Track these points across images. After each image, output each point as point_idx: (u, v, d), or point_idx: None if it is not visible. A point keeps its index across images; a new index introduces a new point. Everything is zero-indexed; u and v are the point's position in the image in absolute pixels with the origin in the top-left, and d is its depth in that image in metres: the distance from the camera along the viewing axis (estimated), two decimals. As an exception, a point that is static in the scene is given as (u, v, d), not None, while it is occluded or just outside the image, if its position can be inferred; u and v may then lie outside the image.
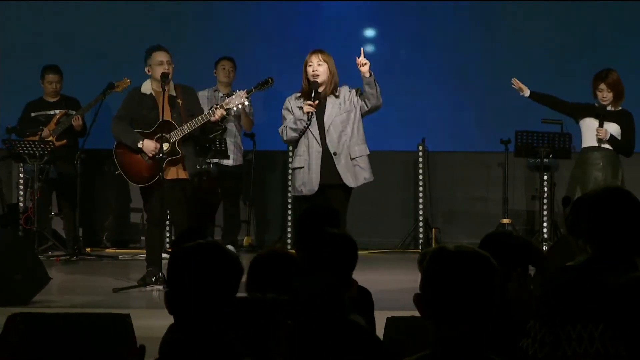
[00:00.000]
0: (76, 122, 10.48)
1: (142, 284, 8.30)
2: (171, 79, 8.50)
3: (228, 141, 10.22)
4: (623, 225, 3.08)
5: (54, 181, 10.61)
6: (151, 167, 8.43)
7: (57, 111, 10.67)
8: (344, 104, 7.69)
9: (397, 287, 7.58)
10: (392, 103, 9.82)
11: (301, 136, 7.71)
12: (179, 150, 8.44)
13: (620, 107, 9.10)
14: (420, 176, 11.46)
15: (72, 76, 10.95)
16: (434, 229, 11.34)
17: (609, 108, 9.05)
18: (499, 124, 11.14)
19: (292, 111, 7.75)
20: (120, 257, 10.82)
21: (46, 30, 11.68)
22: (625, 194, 3.16)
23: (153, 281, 8.20)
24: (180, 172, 8.49)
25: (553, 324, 2.97)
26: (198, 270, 2.96)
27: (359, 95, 7.71)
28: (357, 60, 7.59)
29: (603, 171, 9.05)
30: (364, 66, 7.55)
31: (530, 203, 11.35)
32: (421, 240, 11.34)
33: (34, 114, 10.76)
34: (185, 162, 8.52)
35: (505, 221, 10.69)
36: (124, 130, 8.57)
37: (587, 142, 9.14)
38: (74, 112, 10.58)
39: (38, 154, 10.16)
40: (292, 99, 7.81)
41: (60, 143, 10.43)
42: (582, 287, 3.00)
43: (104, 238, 11.72)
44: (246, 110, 10.57)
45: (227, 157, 10.25)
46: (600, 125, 9.00)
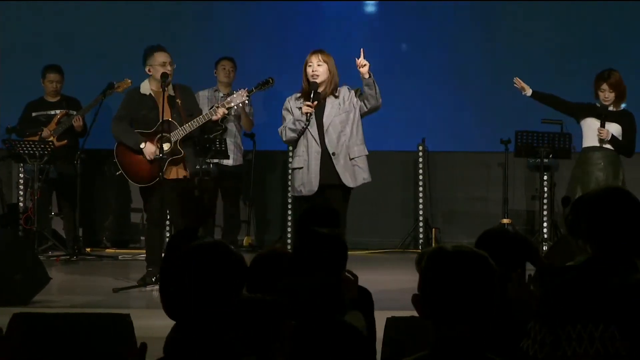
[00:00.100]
0: (77, 122, 10.47)
1: (142, 284, 8.30)
2: (171, 79, 8.50)
3: (228, 141, 10.22)
4: (623, 225, 3.08)
5: (54, 181, 10.61)
6: (153, 167, 8.43)
7: (58, 111, 10.66)
8: (343, 104, 7.69)
9: (397, 287, 7.58)
10: (392, 103, 9.81)
11: (300, 136, 7.70)
12: (181, 149, 8.44)
13: (621, 108, 9.11)
14: (420, 176, 11.45)
15: (72, 76, 10.94)
16: (434, 229, 11.34)
17: (610, 108, 9.06)
18: (499, 124, 11.14)
19: (292, 111, 7.75)
20: (120, 257, 10.81)
21: (46, 30, 11.67)
22: (625, 194, 3.16)
23: (153, 281, 8.20)
24: (181, 172, 8.50)
25: (553, 324, 2.97)
26: (205, 269, 2.97)
27: (358, 96, 7.70)
28: (357, 61, 7.59)
29: (604, 171, 9.05)
30: (364, 67, 7.55)
31: (530, 203, 11.34)
32: (421, 240, 11.34)
33: (34, 114, 10.75)
34: (185, 162, 8.52)
35: (505, 221, 10.69)
36: (125, 131, 8.58)
37: (588, 142, 9.14)
38: (74, 112, 10.58)
39: (38, 154, 10.15)
40: (291, 99, 7.80)
41: (60, 143, 10.43)
42: (582, 287, 3.00)
43: (104, 238, 11.72)
44: (246, 110, 10.57)
45: (227, 157, 10.25)
46: (602, 125, 9.00)
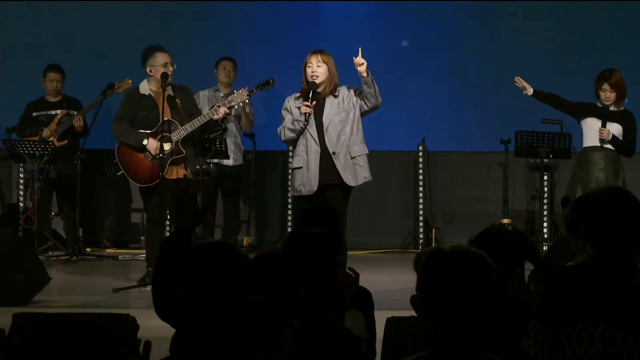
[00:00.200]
0: (77, 122, 10.47)
1: (142, 284, 8.30)
2: (172, 80, 8.50)
3: (228, 141, 10.21)
4: (623, 225, 3.08)
5: (54, 181, 10.61)
6: (154, 167, 8.43)
7: (59, 111, 10.67)
8: (343, 103, 7.68)
9: (397, 287, 7.57)
10: (392, 103, 9.81)
11: (299, 136, 7.70)
12: (183, 149, 8.44)
13: (622, 107, 9.11)
14: (420, 176, 11.46)
15: (72, 76, 10.95)
16: (434, 229, 11.34)
17: (611, 108, 9.05)
18: (499, 124, 11.14)
19: (291, 111, 7.74)
20: (120, 257, 10.82)
21: (46, 30, 11.67)
22: (625, 194, 3.16)
23: (153, 281, 8.19)
24: (181, 172, 8.49)
25: (553, 324, 2.97)
26: (212, 269, 2.98)
27: (357, 95, 7.70)
28: (355, 60, 7.60)
29: (604, 171, 9.04)
30: (361, 66, 7.55)
31: (530, 203, 11.34)
32: (421, 240, 11.34)
33: (35, 113, 10.75)
34: (186, 162, 8.52)
35: (505, 221, 10.69)
36: (126, 130, 8.57)
37: (588, 142, 9.13)
38: (75, 112, 10.58)
39: (38, 154, 10.15)
40: (291, 99, 7.80)
41: (61, 143, 10.43)
42: (582, 288, 3.00)
43: (104, 238, 11.72)
44: (246, 110, 10.57)
45: (227, 157, 10.25)
46: (603, 125, 9.00)
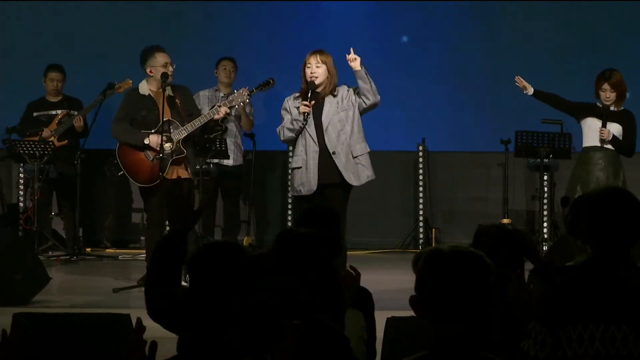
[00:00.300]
0: (77, 122, 10.47)
1: (142, 284, 8.29)
2: (172, 80, 8.50)
3: (228, 141, 10.21)
4: (623, 225, 3.08)
5: (54, 181, 10.60)
6: (154, 167, 8.42)
7: (59, 111, 10.66)
8: (342, 102, 7.69)
9: (397, 287, 7.57)
10: (392, 103, 9.82)
11: (298, 136, 7.70)
12: (183, 149, 8.44)
13: (622, 107, 9.10)
14: (420, 176, 11.46)
15: (73, 76, 10.94)
16: (434, 229, 11.34)
17: (611, 108, 9.05)
18: (499, 124, 11.14)
19: (290, 111, 7.75)
20: (120, 257, 10.82)
21: (46, 30, 11.67)
22: (625, 194, 3.16)
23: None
24: (182, 172, 8.49)
25: (553, 324, 2.97)
26: (223, 269, 3.00)
27: (356, 94, 7.71)
28: (347, 57, 7.62)
29: (604, 171, 9.04)
30: (354, 61, 7.58)
31: (530, 203, 11.34)
32: (421, 240, 11.34)
33: (35, 113, 10.75)
34: (187, 162, 8.52)
35: (505, 221, 10.68)
36: (126, 130, 8.57)
37: (588, 141, 9.13)
38: (75, 112, 10.57)
39: (38, 154, 10.15)
40: (290, 99, 7.80)
41: (61, 143, 10.43)
42: (582, 288, 3.00)
43: (104, 238, 11.72)
44: (246, 110, 10.57)
45: (227, 157, 10.25)
46: (604, 125, 9.00)
